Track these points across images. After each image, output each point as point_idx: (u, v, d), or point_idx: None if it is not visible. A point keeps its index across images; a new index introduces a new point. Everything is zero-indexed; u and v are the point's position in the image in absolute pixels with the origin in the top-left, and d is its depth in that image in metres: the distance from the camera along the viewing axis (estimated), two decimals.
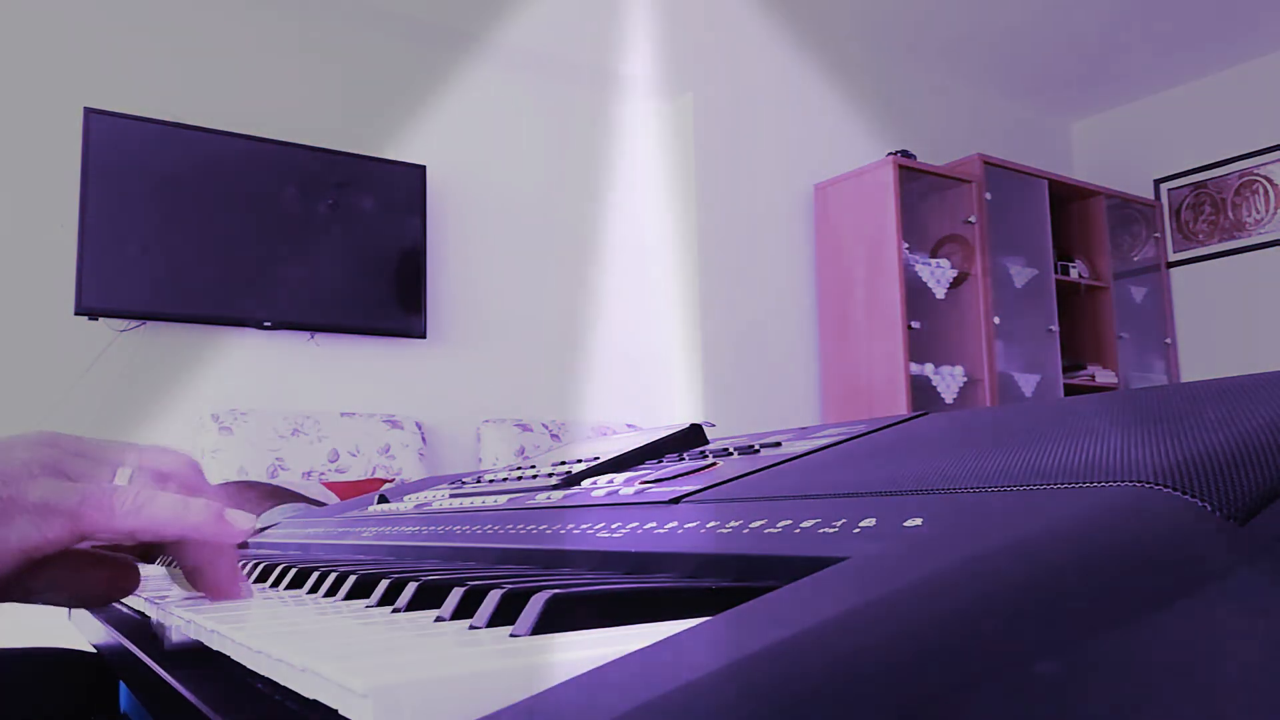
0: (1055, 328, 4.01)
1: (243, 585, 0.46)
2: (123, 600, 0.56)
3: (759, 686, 0.18)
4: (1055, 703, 0.20)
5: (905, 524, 0.30)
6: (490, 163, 3.38)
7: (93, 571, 0.45)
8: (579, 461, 0.74)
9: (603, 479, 0.64)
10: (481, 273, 3.32)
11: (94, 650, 0.78)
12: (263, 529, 1.15)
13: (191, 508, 0.42)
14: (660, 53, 3.60)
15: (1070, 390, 4.06)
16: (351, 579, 0.42)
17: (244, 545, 0.89)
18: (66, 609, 0.82)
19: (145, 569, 0.62)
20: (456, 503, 0.78)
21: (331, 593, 0.43)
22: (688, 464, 0.62)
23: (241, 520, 0.44)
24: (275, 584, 0.52)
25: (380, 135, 3.13)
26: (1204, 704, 0.23)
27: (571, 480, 0.67)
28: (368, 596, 0.39)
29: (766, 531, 0.35)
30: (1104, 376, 4.24)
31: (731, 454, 0.63)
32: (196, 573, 0.45)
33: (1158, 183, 4.74)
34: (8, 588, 0.42)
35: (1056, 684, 0.20)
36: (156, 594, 0.52)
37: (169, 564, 0.50)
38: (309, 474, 2.73)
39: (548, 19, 3.38)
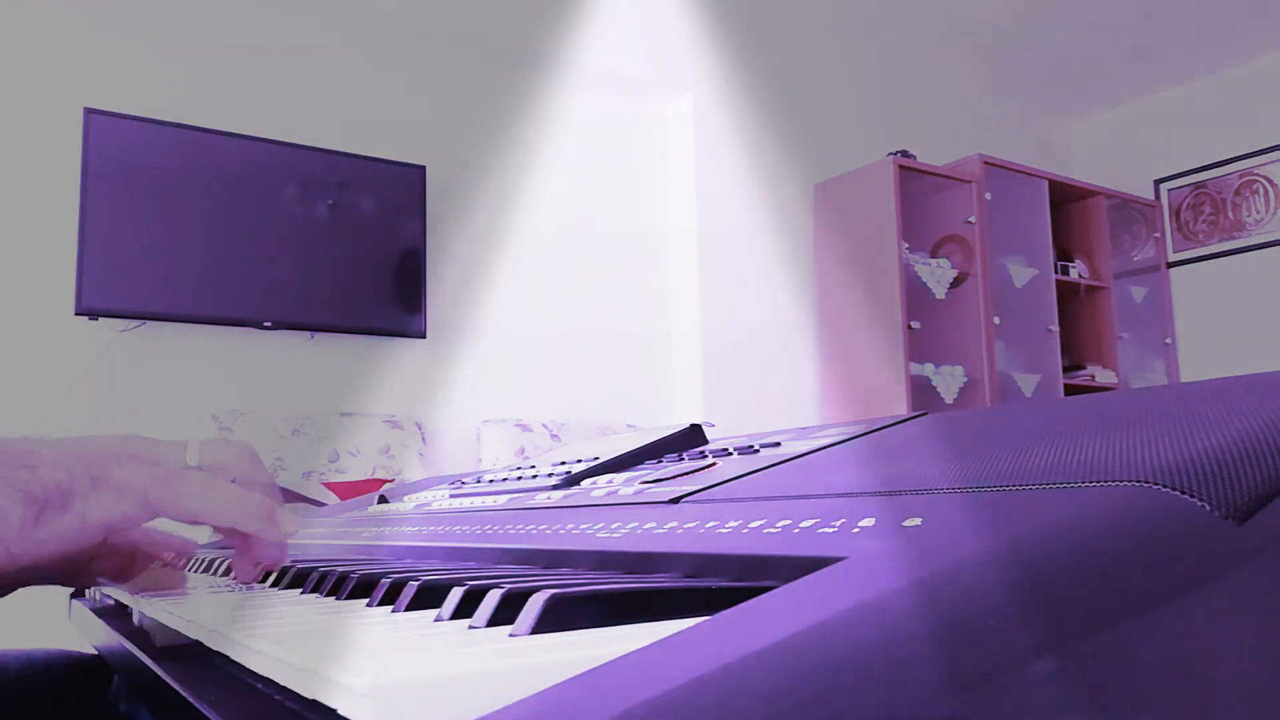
0: (1055, 328, 4.01)
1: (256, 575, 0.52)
2: (120, 599, 0.57)
3: (758, 686, 0.18)
4: (1054, 702, 0.20)
5: (905, 524, 0.30)
6: (490, 163, 3.37)
7: (149, 564, 0.53)
8: (579, 461, 0.74)
9: (602, 479, 0.64)
10: (481, 273, 3.32)
11: (94, 650, 0.78)
12: None
13: (248, 503, 0.48)
14: (660, 53, 3.60)
15: (1070, 390, 4.05)
16: (352, 579, 0.42)
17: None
18: (67, 610, 0.82)
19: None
20: (456, 503, 0.78)
21: (331, 593, 0.43)
22: (687, 464, 0.62)
23: (288, 522, 0.50)
24: (275, 584, 0.52)
25: (380, 135, 3.13)
26: (1203, 702, 0.23)
27: (571, 480, 0.67)
28: (368, 597, 0.39)
29: (766, 531, 0.35)
30: (1104, 376, 4.24)
31: (731, 454, 0.63)
32: (236, 556, 0.52)
33: (1158, 183, 4.74)
34: (83, 569, 0.49)
35: (1055, 683, 0.20)
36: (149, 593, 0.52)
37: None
38: (309, 474, 2.73)
39: (547, 19, 3.38)
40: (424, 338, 3.11)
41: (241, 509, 0.48)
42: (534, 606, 0.27)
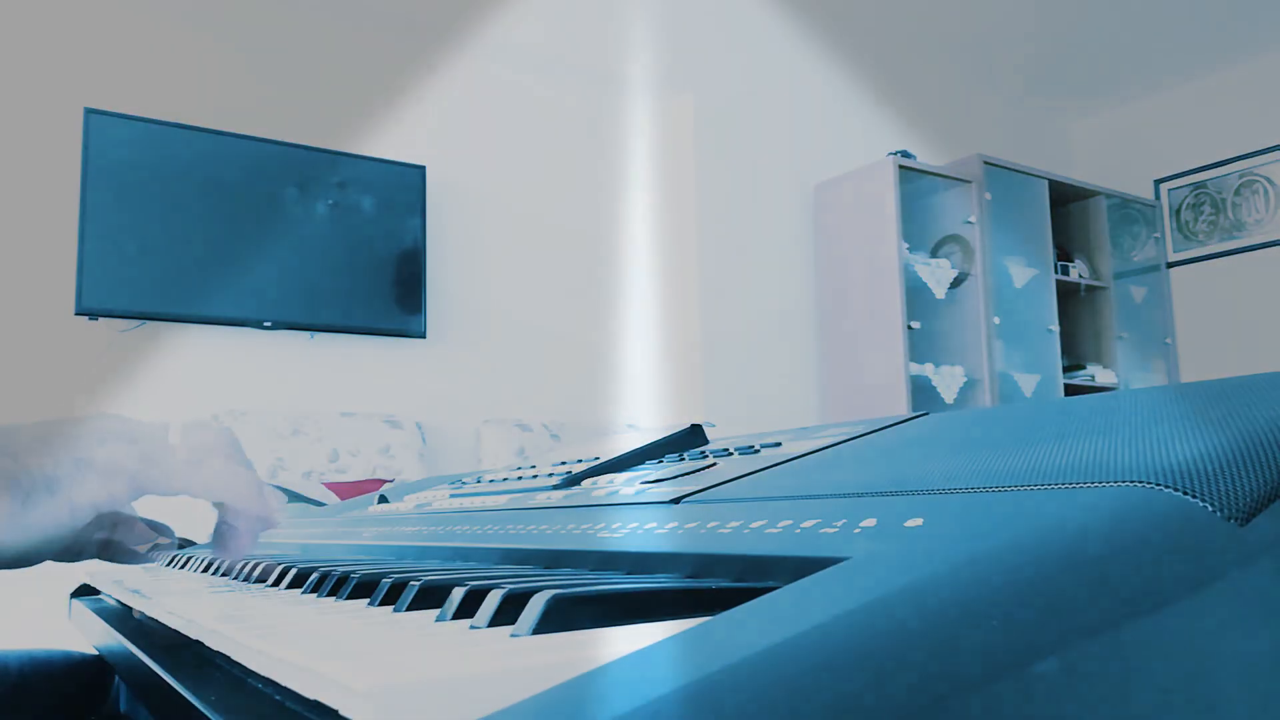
0: (1055, 328, 4.00)
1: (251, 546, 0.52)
2: (121, 599, 0.57)
3: (760, 687, 0.18)
4: (1056, 702, 0.20)
5: (906, 524, 0.30)
6: (490, 163, 3.37)
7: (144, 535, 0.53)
8: (579, 461, 0.74)
9: (603, 479, 0.64)
10: (481, 273, 3.32)
11: (94, 650, 0.78)
12: None
13: (235, 478, 0.48)
14: (660, 53, 3.60)
15: (1070, 390, 4.05)
16: (352, 579, 0.42)
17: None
18: (67, 610, 0.82)
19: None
20: (456, 503, 0.78)
21: (332, 593, 0.43)
22: (688, 464, 0.62)
23: (273, 499, 0.49)
24: (275, 584, 0.52)
25: (380, 135, 3.13)
26: (1204, 703, 0.23)
27: (572, 480, 0.67)
28: (368, 597, 0.39)
29: (767, 531, 0.35)
30: (1104, 376, 4.24)
31: (731, 454, 0.63)
32: (222, 532, 0.51)
33: (1158, 183, 4.74)
34: (84, 546, 0.50)
35: (1057, 683, 0.20)
36: (147, 588, 0.52)
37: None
38: (309, 474, 2.73)
39: (548, 18, 3.38)
40: (424, 338, 3.11)
41: (230, 484, 0.48)
42: (535, 607, 0.27)
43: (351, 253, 2.99)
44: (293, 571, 0.51)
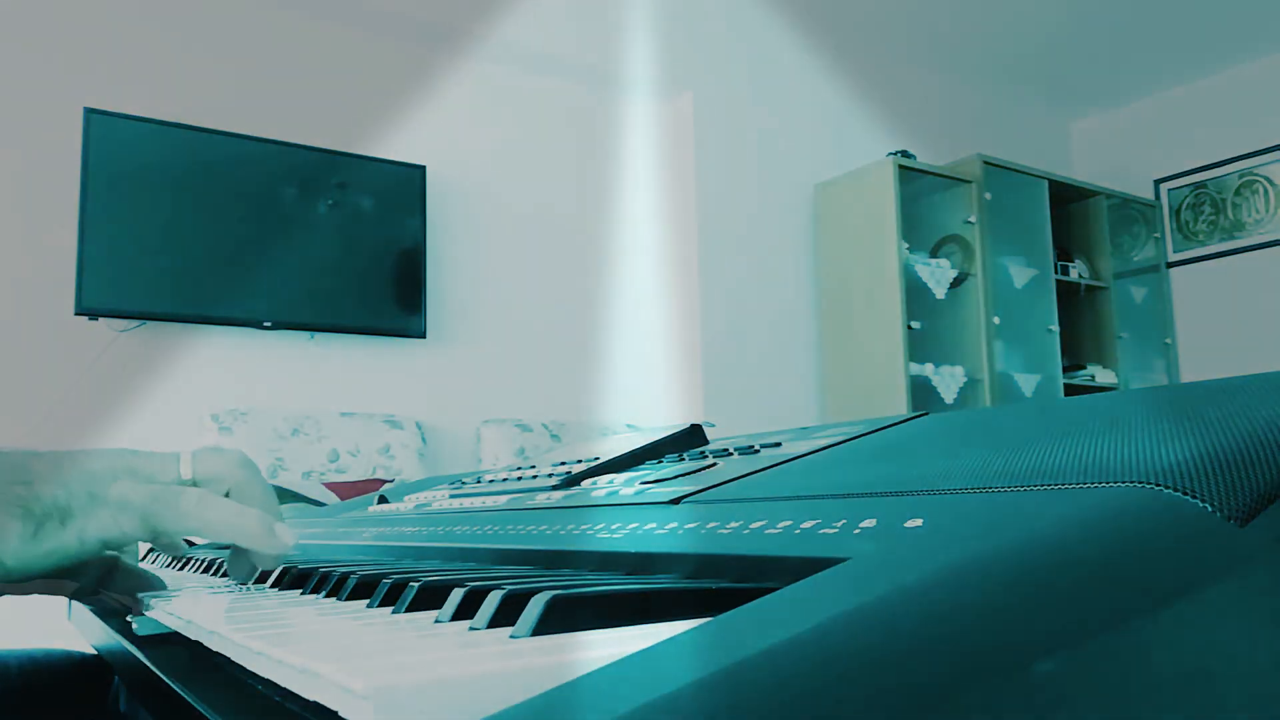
0: (1055, 328, 4.01)
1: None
2: (120, 599, 0.57)
3: (760, 688, 0.18)
4: (1055, 703, 0.20)
5: (905, 524, 0.30)
6: (490, 163, 3.37)
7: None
8: (579, 462, 0.74)
9: (603, 479, 0.64)
10: (481, 273, 3.32)
11: (94, 650, 0.78)
12: None
13: (246, 517, 0.47)
14: (660, 53, 3.60)
15: (1070, 390, 4.05)
16: (352, 580, 0.41)
17: None
18: (67, 610, 0.82)
19: None
20: (456, 503, 0.78)
21: (332, 594, 0.43)
22: (688, 464, 0.62)
23: (286, 535, 0.49)
24: (275, 584, 0.52)
25: (380, 135, 3.13)
26: (1205, 705, 0.23)
27: (571, 481, 0.67)
28: (368, 597, 0.39)
29: (767, 532, 0.35)
30: (1104, 376, 4.24)
31: (731, 454, 0.63)
32: (232, 561, 0.52)
33: (1158, 183, 4.74)
34: (86, 573, 0.51)
35: (1057, 684, 0.20)
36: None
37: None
38: (309, 474, 2.73)
39: (548, 18, 3.38)
40: (424, 338, 3.11)
41: (239, 525, 0.47)
42: (535, 608, 0.27)
43: (351, 253, 2.99)
44: (293, 572, 0.51)
